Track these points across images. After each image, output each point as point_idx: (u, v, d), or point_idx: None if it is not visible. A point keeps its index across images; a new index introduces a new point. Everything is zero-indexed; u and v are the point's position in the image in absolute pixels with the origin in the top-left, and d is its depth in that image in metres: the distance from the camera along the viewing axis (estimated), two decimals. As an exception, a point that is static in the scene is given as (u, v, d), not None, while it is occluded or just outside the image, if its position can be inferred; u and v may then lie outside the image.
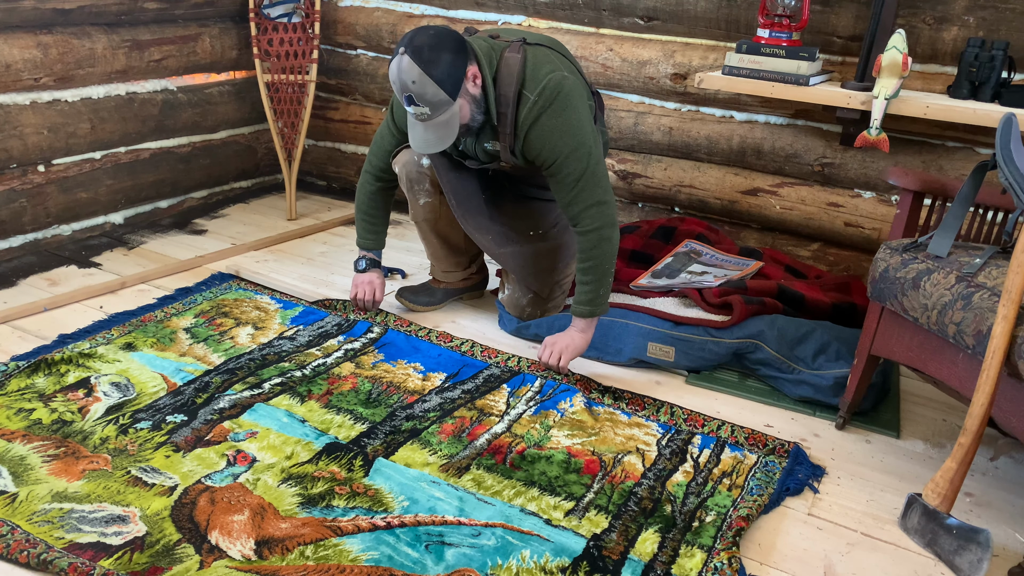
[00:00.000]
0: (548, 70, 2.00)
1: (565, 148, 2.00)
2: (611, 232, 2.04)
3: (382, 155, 2.31)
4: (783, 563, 1.54)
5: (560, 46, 2.15)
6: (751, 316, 2.16)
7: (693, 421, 1.96)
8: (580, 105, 2.03)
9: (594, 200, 2.02)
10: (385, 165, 2.32)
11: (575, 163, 2.00)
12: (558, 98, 1.98)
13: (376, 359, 2.16)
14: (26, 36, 2.56)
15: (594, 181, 2.02)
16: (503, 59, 2.01)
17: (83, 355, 2.03)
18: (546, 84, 1.98)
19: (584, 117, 2.03)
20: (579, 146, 2.00)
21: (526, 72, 1.99)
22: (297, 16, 3.16)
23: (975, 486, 1.81)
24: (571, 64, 2.11)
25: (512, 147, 2.07)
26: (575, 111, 2.01)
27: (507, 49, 2.02)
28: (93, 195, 2.86)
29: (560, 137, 1.99)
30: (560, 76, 2.00)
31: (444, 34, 1.92)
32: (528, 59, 2.01)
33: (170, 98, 3.05)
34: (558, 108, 1.98)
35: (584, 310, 2.09)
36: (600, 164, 2.05)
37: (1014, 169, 1.56)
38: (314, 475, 1.67)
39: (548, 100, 1.98)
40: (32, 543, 1.41)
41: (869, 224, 2.60)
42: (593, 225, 2.03)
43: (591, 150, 2.02)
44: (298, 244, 2.99)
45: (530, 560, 1.47)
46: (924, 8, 2.36)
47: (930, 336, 1.70)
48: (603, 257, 2.05)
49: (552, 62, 2.03)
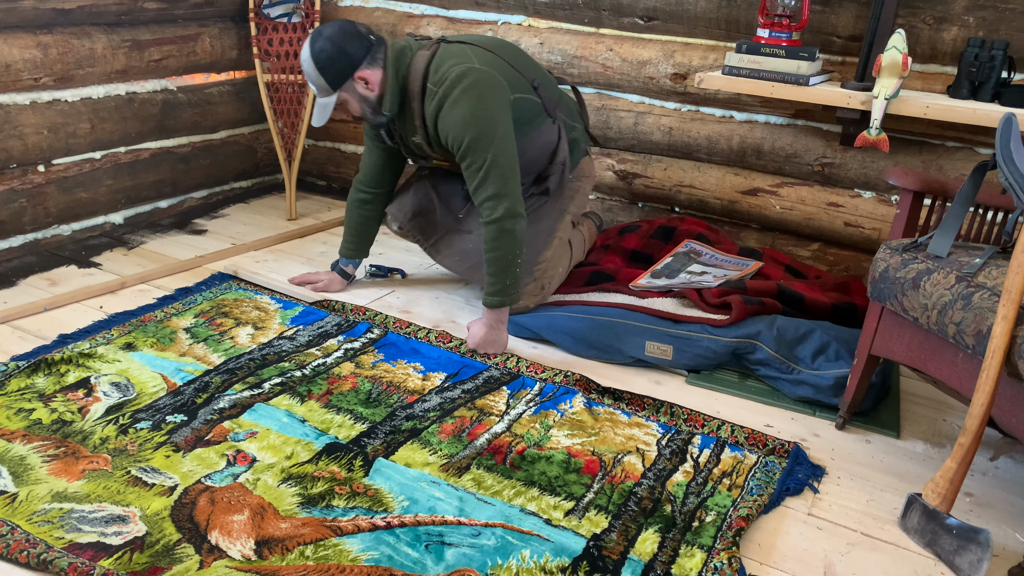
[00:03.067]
0: (453, 63, 2.10)
1: (466, 135, 2.08)
2: (512, 224, 2.11)
3: (364, 168, 2.48)
4: (783, 563, 1.54)
5: (501, 46, 2.23)
6: (750, 316, 2.16)
7: (693, 421, 1.96)
8: (488, 95, 2.09)
9: (493, 192, 2.10)
10: (366, 178, 2.48)
11: (477, 152, 2.08)
12: (457, 87, 2.07)
13: (376, 359, 2.16)
14: (26, 36, 2.56)
15: (496, 173, 2.09)
16: (414, 58, 2.14)
17: (83, 355, 2.03)
18: (446, 74, 2.09)
19: (492, 108, 2.09)
20: (480, 136, 2.07)
21: (430, 67, 2.12)
22: (297, 16, 3.16)
23: (975, 486, 1.81)
24: (499, 60, 2.17)
25: (428, 139, 2.17)
26: (480, 101, 2.07)
27: (421, 48, 2.16)
28: (93, 195, 2.86)
29: (461, 125, 2.08)
30: (464, 68, 2.08)
31: (346, 33, 2.11)
32: (436, 56, 2.14)
33: (170, 98, 3.05)
34: (458, 96, 2.07)
35: (492, 300, 2.18)
36: (505, 157, 2.10)
37: (1014, 169, 1.56)
38: (314, 475, 1.67)
39: (448, 89, 2.08)
40: (32, 543, 1.41)
41: (869, 224, 2.60)
42: (492, 216, 2.11)
43: (495, 141, 2.08)
44: (298, 244, 2.99)
45: (530, 560, 1.47)
46: (924, 8, 2.36)
47: (930, 336, 1.70)
48: (505, 248, 2.12)
49: (462, 56, 2.12)
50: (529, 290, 2.35)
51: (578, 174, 2.46)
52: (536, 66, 2.36)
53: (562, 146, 2.34)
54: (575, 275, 2.52)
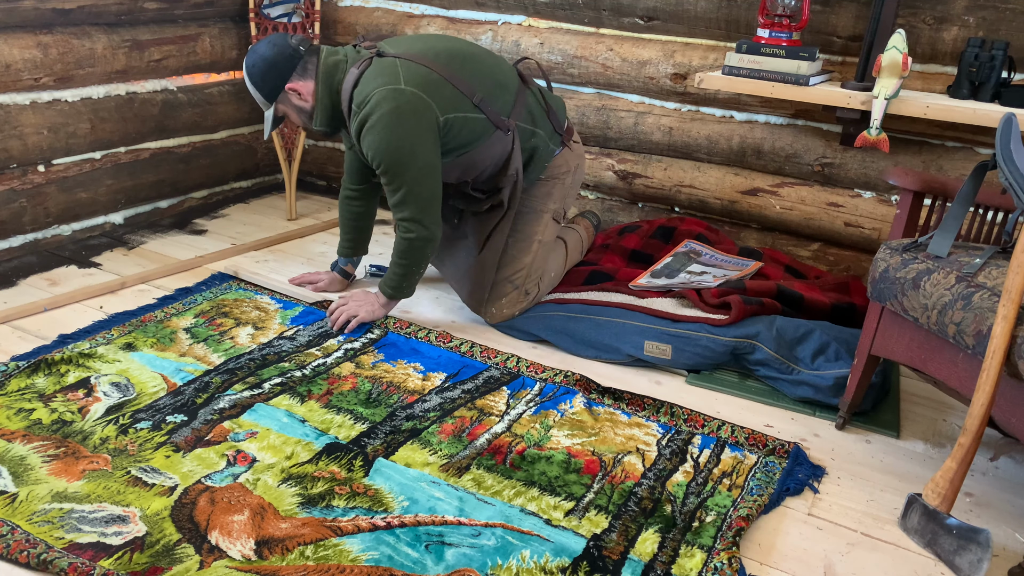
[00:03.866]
0: (377, 84, 2.09)
1: (382, 162, 2.11)
2: (423, 245, 2.20)
3: (346, 167, 2.50)
4: (783, 563, 1.54)
5: (444, 57, 2.18)
6: (750, 316, 2.16)
7: (693, 421, 1.96)
8: (408, 122, 2.08)
9: (410, 216, 2.16)
10: (348, 178, 2.51)
11: (394, 178, 2.12)
12: (376, 112, 2.07)
13: (376, 359, 2.16)
14: (26, 36, 2.56)
15: (412, 199, 2.14)
16: (345, 76, 2.16)
17: (83, 355, 2.03)
18: (368, 96, 2.09)
19: (410, 135, 2.08)
20: (395, 164, 2.09)
21: (356, 87, 2.13)
22: (297, 16, 3.16)
23: (975, 486, 1.81)
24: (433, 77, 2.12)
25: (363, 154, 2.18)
26: (397, 128, 2.07)
27: (355, 64, 2.16)
28: (93, 195, 2.86)
29: (376, 151, 2.10)
30: (386, 91, 2.07)
31: (275, 45, 2.16)
32: (365, 74, 2.13)
33: (170, 98, 3.05)
34: (375, 122, 2.08)
35: (387, 291, 2.29)
36: (422, 185, 2.13)
37: (1014, 169, 1.56)
38: (314, 475, 1.67)
39: (367, 114, 2.09)
40: (32, 543, 1.41)
41: (869, 224, 2.60)
42: (406, 235, 2.19)
43: (411, 169, 2.10)
44: (298, 244, 2.99)
45: (530, 560, 1.47)
46: (924, 8, 2.36)
47: (930, 336, 1.70)
48: (412, 261, 2.23)
49: (389, 76, 2.09)
50: (512, 298, 2.35)
51: (552, 172, 2.38)
52: (491, 71, 2.25)
53: (514, 156, 2.26)
54: (574, 274, 2.52)
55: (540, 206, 2.38)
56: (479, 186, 2.33)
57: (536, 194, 2.38)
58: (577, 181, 2.49)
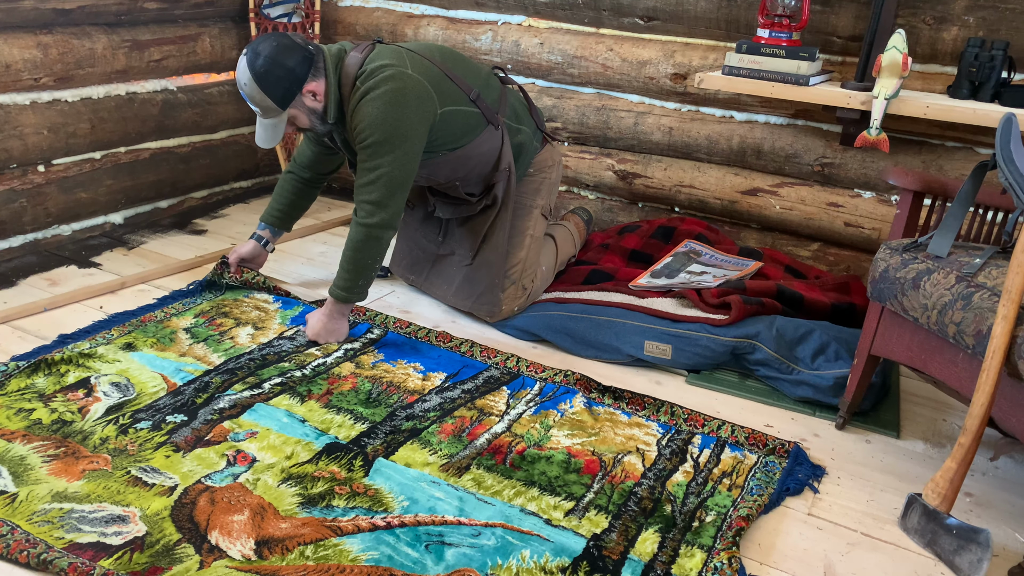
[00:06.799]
0: (386, 62, 2.06)
1: (372, 135, 2.05)
2: (382, 234, 2.11)
3: (299, 154, 2.43)
4: (783, 563, 1.54)
5: (441, 54, 2.20)
6: (750, 316, 2.16)
7: (693, 421, 1.96)
8: (411, 104, 2.06)
9: (376, 199, 2.08)
10: (297, 162, 2.44)
11: (376, 155, 2.06)
12: (383, 86, 2.03)
13: (376, 359, 2.16)
14: (26, 36, 2.56)
15: (385, 182, 2.07)
16: (346, 59, 2.10)
17: (83, 355, 2.03)
18: (376, 72, 2.05)
19: (409, 118, 2.06)
20: (385, 141, 2.04)
21: (363, 66, 2.08)
22: (297, 16, 3.16)
23: (975, 486, 1.81)
24: (434, 69, 2.13)
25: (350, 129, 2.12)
26: (400, 106, 2.04)
27: (353, 49, 2.12)
28: (93, 195, 2.86)
29: (370, 123, 2.04)
30: (396, 71, 2.05)
31: (285, 47, 2.04)
32: (370, 56, 2.10)
33: (170, 98, 3.05)
34: (379, 95, 2.03)
35: (339, 294, 2.17)
36: (401, 170, 2.07)
37: (1014, 169, 1.56)
38: (314, 475, 1.67)
39: (371, 87, 2.04)
40: (32, 543, 1.41)
41: (869, 224, 2.60)
42: (366, 220, 2.09)
43: (397, 152, 2.06)
44: (298, 244, 2.99)
45: (530, 560, 1.47)
46: (924, 8, 2.36)
47: (930, 336, 1.70)
48: (367, 253, 2.13)
49: (396, 59, 2.08)
50: (510, 294, 2.35)
51: (537, 168, 2.42)
52: (477, 71, 2.30)
53: (505, 151, 2.28)
54: (573, 273, 2.53)
55: (529, 201, 2.41)
56: (471, 187, 2.33)
57: (524, 190, 2.41)
58: (559, 177, 2.53)
